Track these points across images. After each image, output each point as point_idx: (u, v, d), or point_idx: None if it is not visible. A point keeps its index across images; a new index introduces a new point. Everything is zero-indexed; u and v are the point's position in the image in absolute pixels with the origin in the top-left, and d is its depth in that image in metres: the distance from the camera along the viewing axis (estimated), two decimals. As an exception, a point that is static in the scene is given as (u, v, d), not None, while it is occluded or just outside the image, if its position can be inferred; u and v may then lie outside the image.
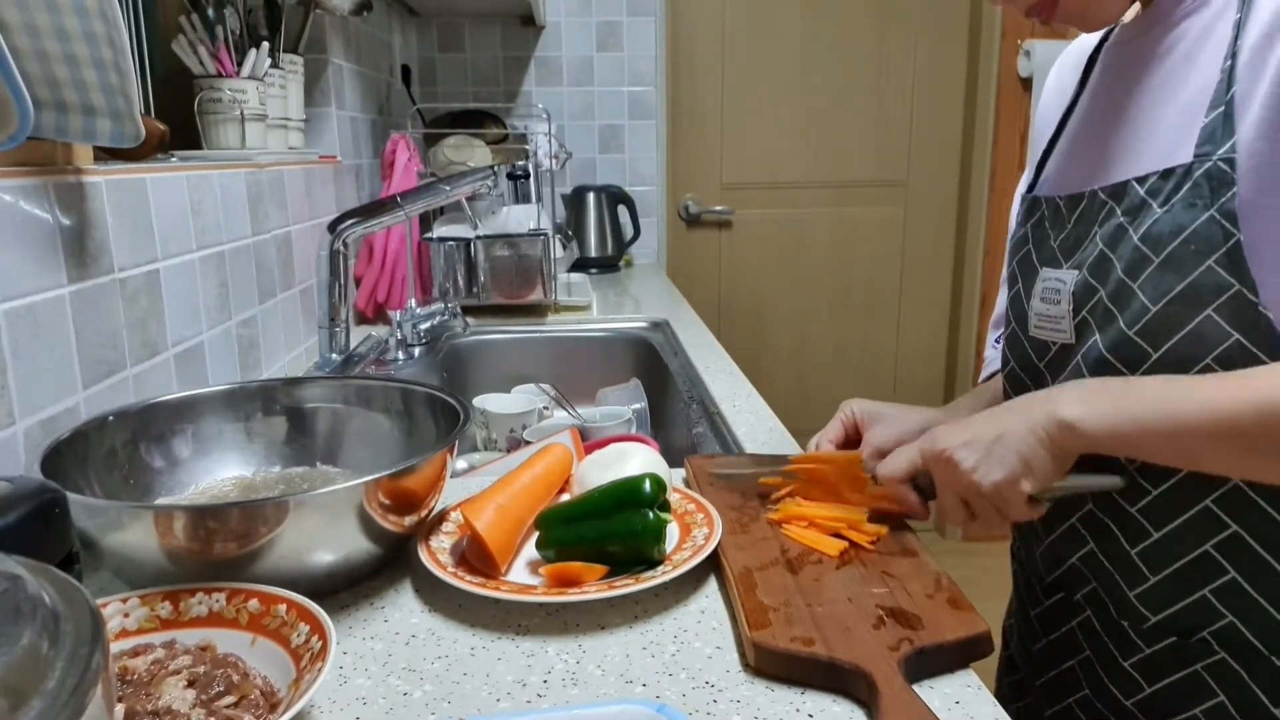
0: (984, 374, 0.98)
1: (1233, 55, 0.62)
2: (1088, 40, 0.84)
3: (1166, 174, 0.64)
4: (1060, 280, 0.71)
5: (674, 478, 0.86)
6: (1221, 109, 0.62)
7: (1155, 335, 0.63)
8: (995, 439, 0.65)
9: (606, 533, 0.70)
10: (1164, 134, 0.66)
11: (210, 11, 1.15)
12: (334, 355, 1.28)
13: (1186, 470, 0.64)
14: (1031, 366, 0.76)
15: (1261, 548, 0.63)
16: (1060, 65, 0.87)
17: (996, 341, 0.97)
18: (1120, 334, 0.65)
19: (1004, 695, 0.89)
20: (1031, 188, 0.82)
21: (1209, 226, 0.60)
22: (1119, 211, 0.67)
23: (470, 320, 1.65)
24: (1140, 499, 0.67)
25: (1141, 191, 0.65)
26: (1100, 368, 0.66)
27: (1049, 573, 0.77)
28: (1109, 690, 0.72)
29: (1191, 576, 0.65)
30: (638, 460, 0.79)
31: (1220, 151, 0.61)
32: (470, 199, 1.58)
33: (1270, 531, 0.62)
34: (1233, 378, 0.59)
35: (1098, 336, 0.67)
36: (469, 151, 2.00)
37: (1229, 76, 0.62)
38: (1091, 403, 0.62)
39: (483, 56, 2.48)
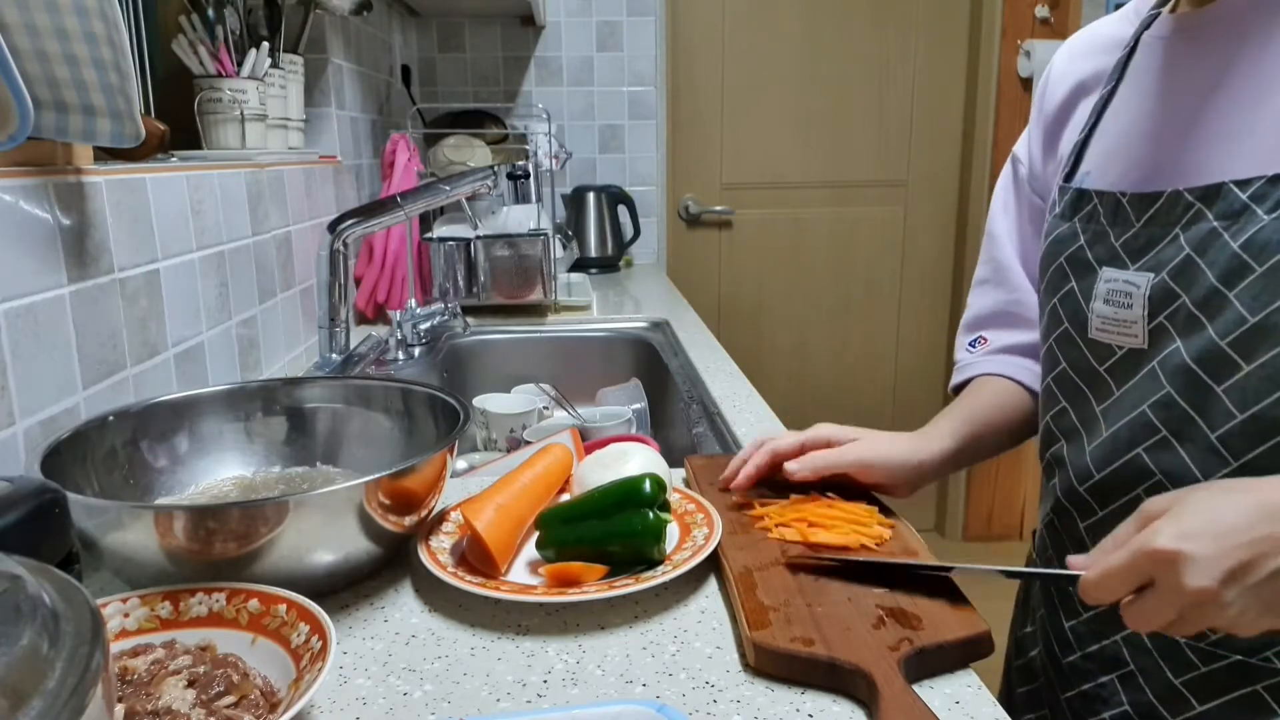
0: (957, 379, 0.93)
1: None
2: (1106, 28, 0.80)
3: (1277, 179, 0.60)
4: (1131, 283, 0.67)
5: (674, 478, 0.86)
6: None
7: (1250, 347, 0.60)
8: (1270, 574, 0.50)
9: (606, 533, 0.70)
10: (1269, 133, 0.62)
11: (210, 11, 1.15)
12: (334, 355, 1.28)
13: None
14: (1088, 370, 0.72)
15: None
16: (1074, 52, 0.83)
17: (972, 345, 0.93)
18: (1209, 343, 0.62)
19: (1018, 705, 0.86)
20: (1068, 178, 0.77)
21: None
22: (1210, 215, 0.63)
23: (470, 320, 1.65)
24: None
25: (1244, 196, 0.61)
26: (1182, 375, 0.64)
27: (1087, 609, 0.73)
28: (1154, 708, 0.69)
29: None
30: (638, 460, 0.79)
31: None
32: (470, 199, 1.58)
33: None
34: None
35: (1180, 344, 0.64)
36: (469, 151, 2.00)
37: None
38: None
39: (483, 56, 2.48)
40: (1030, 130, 0.87)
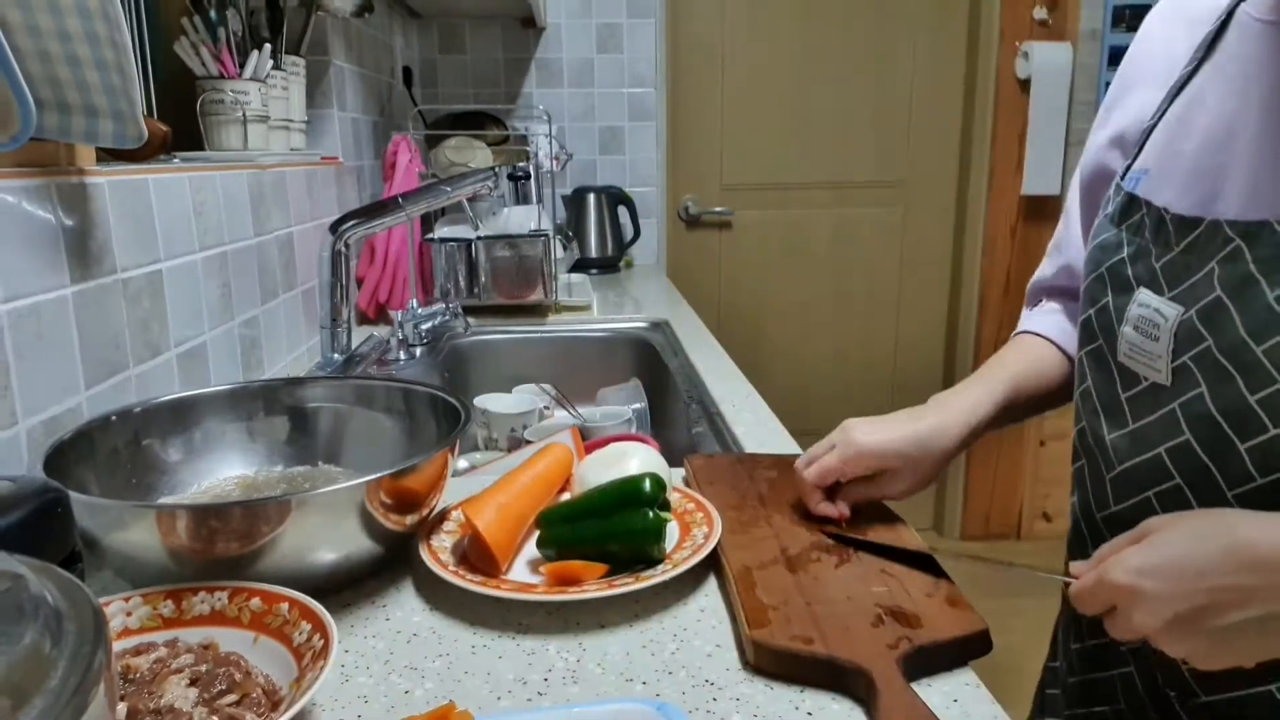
0: (1020, 329, 0.88)
1: None
2: None
3: None
4: (1160, 314, 0.60)
5: (674, 477, 0.87)
6: None
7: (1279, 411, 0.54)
8: (1230, 625, 0.49)
9: (607, 532, 0.70)
10: None
11: (212, 13, 1.15)
12: (336, 355, 1.28)
13: None
14: (1113, 396, 0.66)
15: None
16: (1162, 22, 0.72)
17: (1030, 307, 0.88)
18: (1238, 398, 0.56)
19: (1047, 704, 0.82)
20: (1126, 170, 0.69)
21: None
22: (1249, 256, 0.55)
23: (471, 320, 1.66)
24: None
25: None
26: (1204, 425, 0.58)
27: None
28: None
29: (1258, 670, 0.56)
30: (638, 460, 0.79)
31: None
32: (471, 200, 1.58)
33: None
34: None
35: (1204, 390, 0.58)
36: (470, 153, 2.01)
37: None
38: None
39: (483, 58, 2.49)
40: (1109, 98, 0.78)
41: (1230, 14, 0.64)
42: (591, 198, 2.42)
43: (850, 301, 2.86)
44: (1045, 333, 0.84)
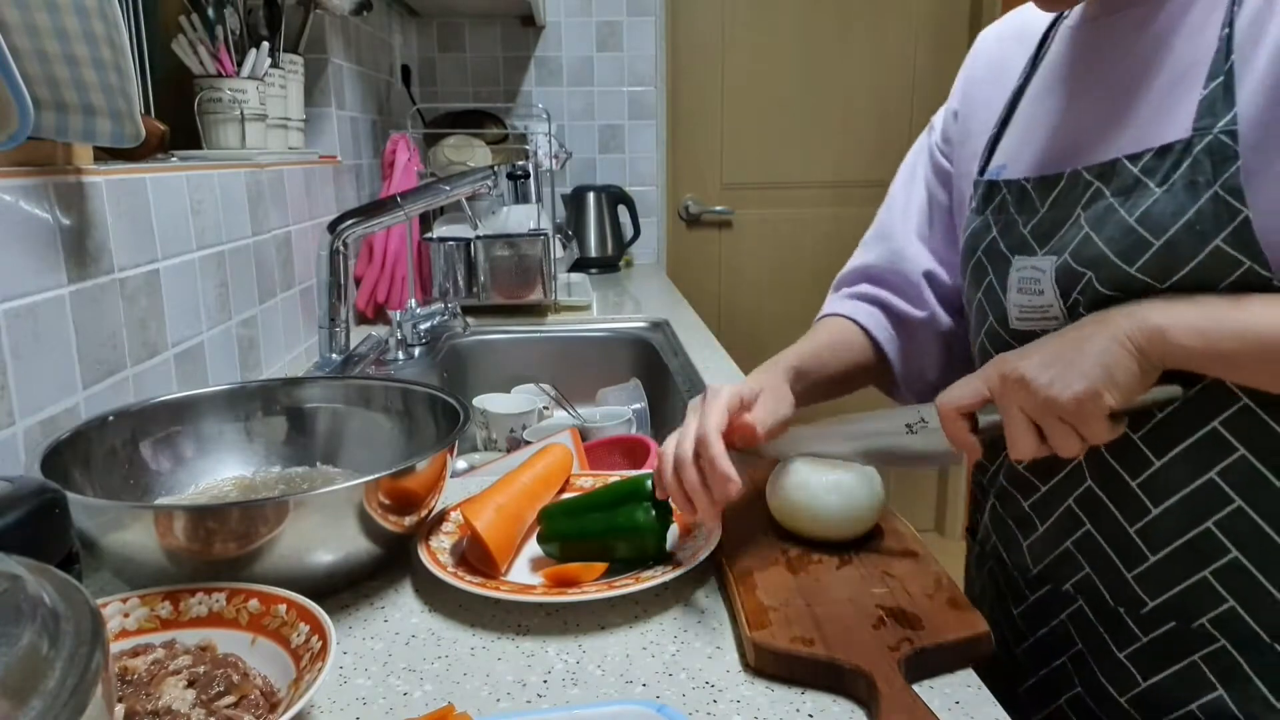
0: (822, 314, 0.97)
1: (1229, 23, 0.60)
2: (1029, 17, 0.81)
3: (1163, 151, 0.61)
4: (1038, 269, 0.68)
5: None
6: (1221, 79, 0.59)
7: None
8: (1074, 351, 0.59)
9: (610, 525, 0.70)
10: (1155, 108, 0.64)
11: (210, 11, 1.15)
12: (334, 355, 1.28)
13: (1209, 429, 0.62)
14: None
15: (1268, 525, 0.61)
16: (997, 41, 0.85)
17: (846, 290, 0.96)
18: None
19: None
20: (982, 171, 0.79)
21: (1213, 205, 0.58)
22: (1108, 192, 0.64)
23: (470, 320, 1.65)
24: (1142, 471, 0.65)
25: (1135, 170, 0.63)
26: None
27: (1036, 564, 0.74)
28: (1103, 685, 0.70)
29: (1192, 556, 0.64)
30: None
31: (1221, 124, 0.59)
32: (470, 199, 1.58)
33: (1277, 509, 0.61)
34: None
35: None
36: (469, 151, 2.00)
37: (1227, 45, 0.60)
38: (1180, 311, 0.58)
39: (483, 56, 2.48)
40: (949, 103, 0.92)
41: (1052, 29, 0.77)
42: (591, 197, 2.41)
43: (849, 301, 2.86)
44: (851, 315, 0.92)
